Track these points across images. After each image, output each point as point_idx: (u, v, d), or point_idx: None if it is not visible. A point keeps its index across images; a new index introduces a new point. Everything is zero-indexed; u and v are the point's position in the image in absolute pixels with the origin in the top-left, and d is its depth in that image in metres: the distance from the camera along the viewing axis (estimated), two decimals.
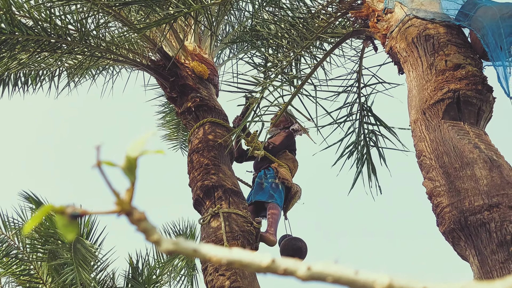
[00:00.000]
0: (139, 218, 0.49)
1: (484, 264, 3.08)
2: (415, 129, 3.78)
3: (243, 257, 0.47)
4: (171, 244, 0.48)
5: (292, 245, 5.72)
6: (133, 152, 0.48)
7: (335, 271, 0.45)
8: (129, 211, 0.49)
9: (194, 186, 5.65)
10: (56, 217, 0.50)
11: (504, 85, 3.57)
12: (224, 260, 0.47)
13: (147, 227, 0.49)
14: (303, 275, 0.45)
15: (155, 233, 0.49)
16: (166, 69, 6.16)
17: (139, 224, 0.49)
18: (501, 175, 3.27)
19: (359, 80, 5.71)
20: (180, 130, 8.76)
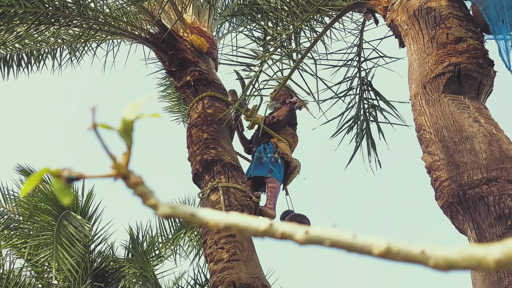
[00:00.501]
0: (135, 182, 0.48)
1: (481, 238, 3.10)
2: (415, 103, 3.76)
3: (240, 221, 0.47)
4: (168, 208, 0.48)
5: (297, 222, 5.74)
6: (129, 115, 0.47)
7: (332, 235, 0.44)
8: (125, 175, 0.48)
9: (193, 160, 5.65)
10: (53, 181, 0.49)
11: (505, 58, 3.54)
12: (222, 224, 0.47)
13: (144, 191, 0.49)
14: (301, 239, 0.45)
15: (152, 197, 0.49)
16: (165, 42, 6.11)
17: (135, 188, 0.49)
18: (500, 149, 3.27)
19: (359, 54, 5.67)
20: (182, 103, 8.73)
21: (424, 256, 0.41)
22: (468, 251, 0.40)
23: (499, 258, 0.38)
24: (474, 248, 0.41)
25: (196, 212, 0.48)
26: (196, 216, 0.48)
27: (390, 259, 0.42)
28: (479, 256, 0.40)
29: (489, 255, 0.39)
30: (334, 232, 0.45)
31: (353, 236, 0.44)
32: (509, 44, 3.52)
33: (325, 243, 0.45)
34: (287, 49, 5.30)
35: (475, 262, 0.40)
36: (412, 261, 0.42)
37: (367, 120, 5.74)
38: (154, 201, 0.48)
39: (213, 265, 5.04)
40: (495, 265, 0.39)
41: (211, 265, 5.09)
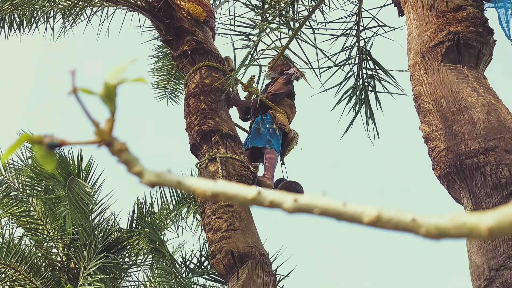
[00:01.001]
0: (120, 148, 0.47)
1: (477, 207, 3.12)
2: (414, 72, 3.73)
3: (228, 189, 0.45)
4: (154, 176, 0.46)
5: (292, 188, 5.75)
6: (112, 80, 0.46)
7: (322, 203, 0.43)
8: (109, 142, 0.47)
9: (191, 130, 5.63)
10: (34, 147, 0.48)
11: (505, 27, 3.50)
12: (209, 192, 0.46)
13: (129, 158, 0.47)
14: (290, 207, 0.44)
15: (137, 164, 0.47)
16: (161, 11, 6.02)
17: (120, 155, 0.47)
18: (499, 118, 3.26)
19: (358, 23, 5.60)
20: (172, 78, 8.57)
21: (415, 224, 0.40)
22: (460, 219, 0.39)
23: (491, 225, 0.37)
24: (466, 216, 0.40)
25: (182, 180, 0.47)
26: (183, 184, 0.46)
27: (381, 227, 0.41)
28: (471, 224, 0.38)
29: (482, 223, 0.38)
30: (323, 200, 0.43)
31: (343, 204, 0.42)
32: (509, 12, 3.47)
33: (315, 211, 0.43)
34: (285, 17, 5.23)
35: (467, 230, 0.39)
36: (403, 229, 0.41)
37: (366, 90, 5.71)
38: (139, 169, 0.47)
39: (211, 235, 5.07)
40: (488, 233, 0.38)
41: (209, 235, 5.12)
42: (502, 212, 0.38)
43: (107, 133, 0.46)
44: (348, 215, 0.42)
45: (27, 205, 7.67)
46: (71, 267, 7.60)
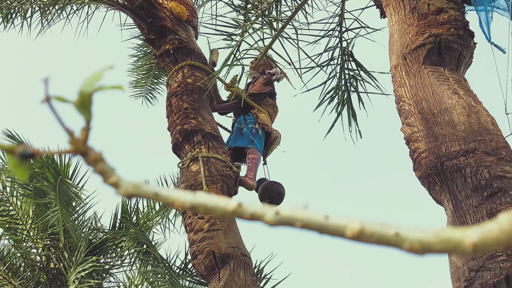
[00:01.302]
0: (95, 158, 0.45)
1: (458, 208, 3.14)
2: (396, 74, 3.75)
3: (207, 201, 0.44)
4: (131, 186, 0.45)
5: (275, 189, 5.73)
6: (88, 88, 0.44)
7: (304, 216, 0.42)
8: (84, 151, 0.45)
9: (173, 130, 5.60)
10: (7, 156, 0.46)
11: (486, 30, 3.53)
12: (188, 204, 0.44)
13: (104, 168, 0.46)
14: (271, 220, 0.43)
15: (113, 174, 0.46)
16: (144, 10, 5.97)
17: (95, 165, 0.45)
18: (479, 121, 3.29)
19: (341, 24, 5.62)
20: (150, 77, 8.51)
21: (399, 239, 0.39)
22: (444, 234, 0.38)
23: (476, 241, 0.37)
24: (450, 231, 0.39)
25: (160, 191, 0.45)
26: (160, 195, 0.45)
27: (364, 241, 0.40)
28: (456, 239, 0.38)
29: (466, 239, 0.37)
30: (305, 213, 0.42)
31: (325, 217, 0.41)
32: (490, 16, 3.50)
33: (296, 224, 0.42)
34: (268, 18, 5.22)
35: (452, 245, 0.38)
36: (386, 243, 0.40)
37: (348, 90, 5.73)
38: (115, 179, 0.45)
39: (192, 235, 5.05)
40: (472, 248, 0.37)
41: (190, 235, 5.09)
42: (486, 227, 0.37)
43: (82, 142, 0.45)
44: (330, 229, 0.41)
45: (6, 204, 7.56)
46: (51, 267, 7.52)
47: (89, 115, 0.44)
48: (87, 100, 0.44)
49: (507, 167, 3.12)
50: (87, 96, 0.44)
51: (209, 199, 0.44)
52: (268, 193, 5.67)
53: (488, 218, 3.00)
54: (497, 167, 3.11)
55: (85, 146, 0.45)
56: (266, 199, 5.66)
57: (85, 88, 0.44)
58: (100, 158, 0.46)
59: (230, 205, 0.44)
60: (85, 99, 0.44)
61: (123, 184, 0.45)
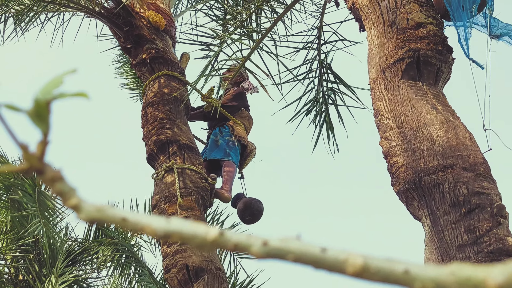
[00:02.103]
0: (53, 177, 0.39)
1: (436, 224, 3.11)
2: (374, 88, 3.73)
3: (184, 229, 0.38)
4: (94, 210, 0.38)
5: (257, 207, 5.67)
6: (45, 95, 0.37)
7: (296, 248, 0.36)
8: (40, 169, 0.38)
9: (148, 140, 5.51)
10: None
11: (464, 45, 3.54)
12: (161, 231, 0.38)
13: (64, 188, 0.39)
14: (258, 252, 0.36)
15: (73, 196, 0.39)
16: (120, 18, 5.88)
17: (53, 185, 0.39)
18: (457, 136, 3.28)
19: (319, 37, 5.61)
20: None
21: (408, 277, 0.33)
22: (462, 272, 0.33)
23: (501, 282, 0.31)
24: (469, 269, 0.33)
25: (128, 216, 0.38)
26: (129, 220, 0.38)
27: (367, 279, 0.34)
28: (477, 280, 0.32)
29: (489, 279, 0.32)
30: (298, 245, 0.36)
31: (322, 250, 0.35)
32: (469, 31, 3.51)
33: (288, 257, 0.36)
34: (247, 29, 5.18)
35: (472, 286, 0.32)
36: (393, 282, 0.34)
37: (326, 103, 5.71)
38: (75, 202, 0.39)
39: (166, 248, 4.95)
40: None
41: (164, 248, 5.00)
42: None
43: (37, 158, 0.38)
44: (328, 264, 0.35)
45: None
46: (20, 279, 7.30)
47: (46, 127, 0.38)
48: (44, 109, 0.37)
49: (485, 183, 3.11)
50: (44, 105, 0.37)
51: (185, 226, 0.38)
52: (251, 210, 5.61)
53: (466, 235, 2.98)
54: (475, 183, 3.09)
55: (41, 163, 0.38)
56: (247, 216, 5.59)
57: (42, 96, 0.37)
58: (58, 177, 0.39)
59: (210, 234, 0.37)
60: (41, 108, 0.37)
61: (85, 207, 0.39)
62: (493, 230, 2.94)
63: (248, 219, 5.64)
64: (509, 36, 3.74)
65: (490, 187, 3.11)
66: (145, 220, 0.38)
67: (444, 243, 3.03)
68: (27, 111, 0.37)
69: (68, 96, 0.38)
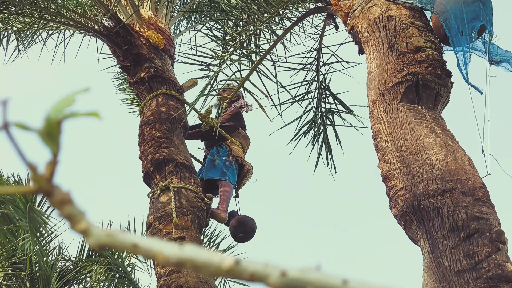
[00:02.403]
0: (61, 199, 0.37)
1: (434, 249, 3.09)
2: (373, 110, 3.74)
3: (198, 256, 0.36)
4: (104, 235, 0.37)
5: (251, 225, 5.64)
6: (56, 114, 0.36)
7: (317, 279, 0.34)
8: (48, 190, 0.37)
9: (145, 159, 5.48)
10: None
11: (463, 70, 3.55)
12: (173, 258, 0.36)
13: (73, 212, 0.37)
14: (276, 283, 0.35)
15: (82, 220, 0.37)
16: (120, 37, 5.90)
17: (61, 207, 0.37)
18: (456, 160, 3.27)
19: (318, 58, 5.63)
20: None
21: None
22: None
23: None
24: None
25: (139, 242, 0.37)
26: (140, 247, 0.37)
27: None
28: None
29: None
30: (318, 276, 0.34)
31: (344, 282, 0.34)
32: (468, 56, 3.53)
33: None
34: (246, 50, 5.20)
35: None
36: None
37: (324, 124, 5.71)
38: (84, 226, 0.37)
39: (160, 268, 4.89)
40: None
41: (158, 268, 4.94)
42: None
43: (46, 179, 0.36)
44: None
45: None
46: None
47: (56, 147, 0.36)
48: (55, 128, 0.36)
49: (484, 208, 3.09)
50: (55, 124, 0.36)
51: (200, 254, 0.36)
52: (244, 227, 5.58)
53: (465, 260, 2.95)
54: (474, 207, 3.08)
55: (50, 184, 0.37)
56: (240, 233, 5.56)
57: (54, 115, 0.36)
58: (67, 199, 0.37)
59: (225, 262, 0.35)
60: (52, 127, 0.36)
61: (95, 232, 0.37)
62: (492, 256, 2.92)
63: (240, 236, 5.60)
64: (508, 62, 3.77)
65: (489, 212, 3.10)
66: (157, 246, 0.37)
67: (442, 268, 3.01)
68: (37, 130, 0.36)
69: (80, 115, 0.37)
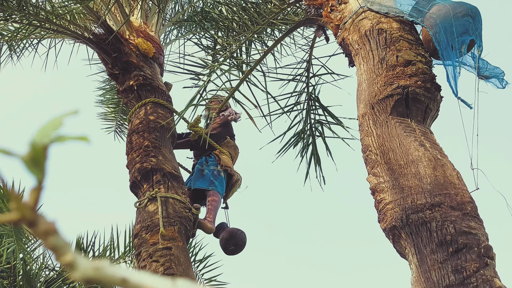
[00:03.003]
0: (46, 230, 0.34)
1: (423, 263, 3.07)
2: (363, 123, 3.73)
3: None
4: (90, 268, 0.34)
5: (242, 238, 5.62)
6: (42, 138, 0.33)
7: None
8: (32, 220, 0.34)
9: (132, 168, 5.43)
10: None
11: (453, 84, 3.57)
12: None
13: (57, 243, 0.35)
14: None
15: (68, 252, 0.35)
16: (109, 44, 5.86)
17: (46, 238, 0.35)
18: (445, 174, 3.27)
19: (308, 70, 5.64)
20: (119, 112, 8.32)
21: None
22: None
23: None
24: None
25: (129, 277, 0.34)
26: (130, 281, 0.34)
27: None
28: None
29: None
30: None
31: None
32: (457, 71, 3.55)
33: None
34: (236, 60, 5.19)
35: None
36: None
37: (313, 135, 5.71)
38: (70, 258, 0.35)
39: None
40: None
41: None
42: None
43: (30, 208, 0.34)
44: None
45: None
46: None
47: (41, 174, 0.34)
48: (41, 154, 0.33)
49: (472, 223, 3.09)
50: (41, 150, 0.33)
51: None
52: (235, 240, 5.56)
53: (453, 275, 2.94)
54: (463, 222, 3.08)
55: (34, 213, 0.34)
56: (231, 246, 5.54)
57: (39, 139, 0.34)
58: (52, 229, 0.35)
59: None
60: (38, 153, 0.33)
61: (81, 265, 0.34)
62: (480, 271, 2.91)
63: (231, 249, 5.57)
64: (497, 78, 3.79)
65: (477, 227, 3.09)
66: (149, 281, 0.34)
67: (431, 283, 2.99)
68: (21, 157, 0.33)
69: (68, 139, 0.34)
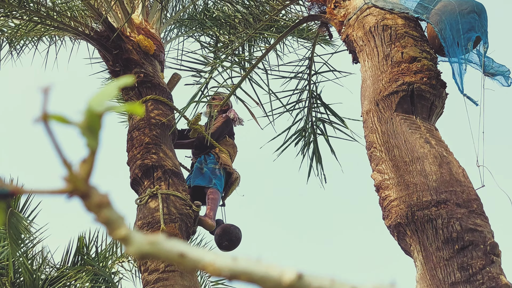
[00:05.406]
0: (99, 203, 0.32)
1: (428, 261, 3.06)
2: (367, 120, 3.71)
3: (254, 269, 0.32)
4: (146, 244, 0.32)
5: (236, 233, 5.62)
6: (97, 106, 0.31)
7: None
8: (84, 192, 0.32)
9: (133, 164, 5.43)
10: None
11: (459, 81, 3.55)
12: (226, 271, 0.32)
13: (111, 216, 0.33)
14: None
15: (122, 226, 0.33)
16: (110, 41, 5.84)
17: (99, 212, 0.33)
18: (450, 171, 3.25)
19: (310, 67, 5.61)
20: None
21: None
22: None
23: None
24: None
25: (187, 252, 0.32)
26: (187, 256, 0.32)
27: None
28: None
29: None
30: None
31: None
32: (463, 67, 3.53)
33: None
34: (238, 57, 5.17)
35: None
36: None
37: (314, 133, 5.69)
38: (124, 233, 0.33)
39: (147, 275, 4.83)
40: None
41: (145, 275, 4.88)
42: None
43: (82, 179, 0.32)
44: None
45: None
46: None
47: (95, 143, 0.32)
48: (96, 122, 0.31)
49: (478, 220, 3.08)
50: (97, 117, 0.31)
51: (256, 266, 0.32)
52: (229, 236, 5.55)
53: (459, 273, 2.93)
54: (468, 219, 3.06)
55: (87, 185, 0.32)
56: (225, 242, 5.53)
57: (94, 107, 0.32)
58: (105, 202, 0.33)
59: (285, 276, 0.31)
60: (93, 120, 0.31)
61: (136, 240, 0.33)
62: (486, 268, 2.90)
63: (225, 245, 5.57)
64: (503, 76, 3.77)
65: (483, 224, 3.08)
66: (207, 257, 0.32)
67: (436, 280, 2.98)
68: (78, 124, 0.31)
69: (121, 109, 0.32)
